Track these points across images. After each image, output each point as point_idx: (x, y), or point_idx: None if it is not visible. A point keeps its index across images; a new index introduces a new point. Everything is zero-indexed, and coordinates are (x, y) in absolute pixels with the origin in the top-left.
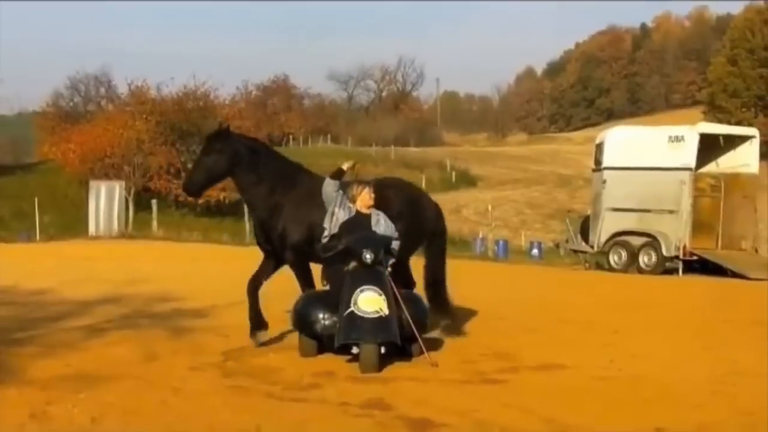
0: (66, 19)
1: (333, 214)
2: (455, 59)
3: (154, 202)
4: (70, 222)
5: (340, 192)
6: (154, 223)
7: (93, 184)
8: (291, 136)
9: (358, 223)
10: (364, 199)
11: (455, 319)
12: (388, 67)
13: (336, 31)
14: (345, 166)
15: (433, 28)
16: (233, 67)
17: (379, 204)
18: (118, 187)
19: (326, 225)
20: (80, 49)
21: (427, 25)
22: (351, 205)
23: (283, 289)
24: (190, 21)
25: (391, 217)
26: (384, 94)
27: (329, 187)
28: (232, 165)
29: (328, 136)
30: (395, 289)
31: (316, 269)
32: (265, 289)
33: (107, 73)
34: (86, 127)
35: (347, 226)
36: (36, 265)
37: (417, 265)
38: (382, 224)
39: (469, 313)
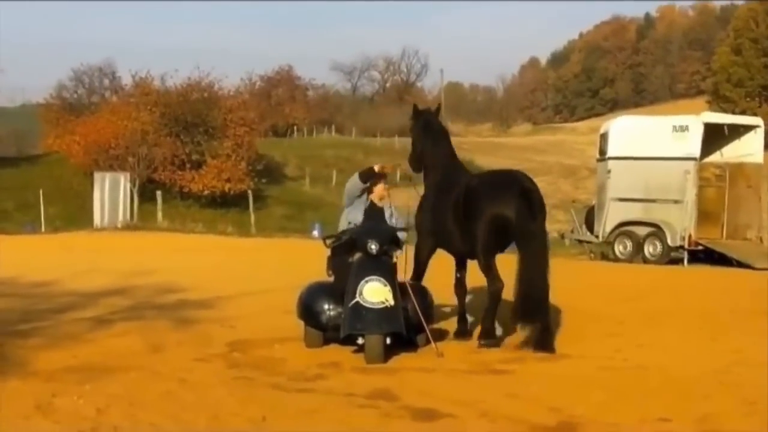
0: (70, 11)
1: (353, 210)
2: (459, 50)
3: (158, 193)
4: (75, 213)
5: (364, 196)
6: (159, 214)
7: (98, 175)
8: (295, 127)
9: (372, 215)
10: (378, 192)
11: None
12: (392, 57)
13: (340, 22)
14: (376, 168)
15: (437, 19)
16: (237, 59)
17: None
18: (122, 179)
19: (344, 219)
20: (84, 42)
21: (431, 16)
22: (364, 198)
23: (288, 282)
24: (193, 13)
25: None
26: (388, 84)
27: (354, 187)
28: (419, 142)
29: (333, 126)
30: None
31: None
32: (274, 282)
33: (111, 64)
34: (90, 118)
35: (363, 218)
36: (41, 257)
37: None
38: (393, 217)
39: (475, 304)
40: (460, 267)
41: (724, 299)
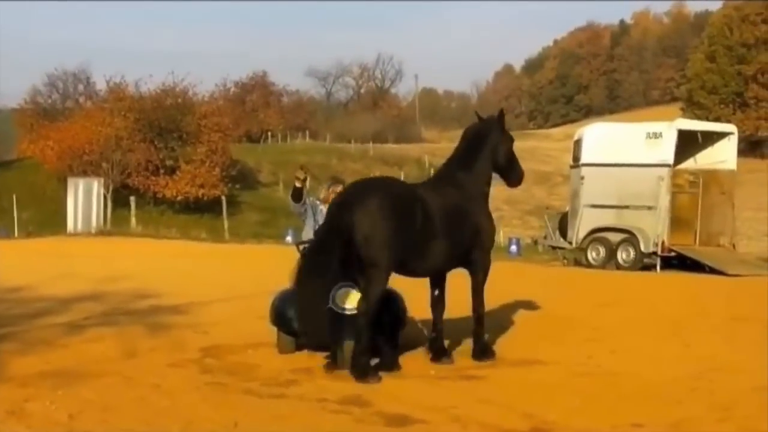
0: (44, 15)
1: (306, 228)
2: (434, 56)
3: (132, 198)
4: (49, 219)
5: (308, 206)
6: (133, 219)
7: (71, 181)
8: (270, 133)
9: None
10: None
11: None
12: (367, 63)
13: (314, 28)
14: (298, 184)
15: (412, 25)
16: (212, 64)
17: None
18: (96, 184)
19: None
20: (58, 46)
21: (406, 22)
22: (323, 207)
23: (261, 288)
24: (168, 18)
25: None
26: (362, 90)
27: (296, 208)
28: None
29: (307, 132)
30: None
31: None
32: (247, 287)
33: (86, 69)
34: (64, 124)
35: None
36: (14, 262)
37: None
38: None
39: (447, 310)
40: (433, 284)
41: (697, 305)
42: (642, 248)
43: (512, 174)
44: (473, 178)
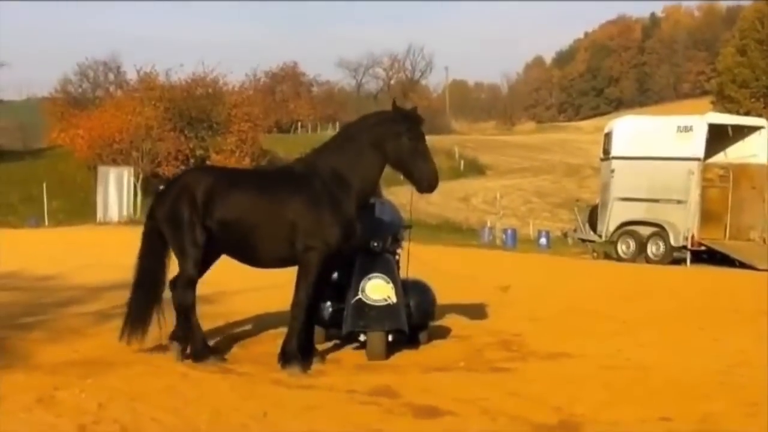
0: (76, 4)
1: None
2: (464, 47)
3: (162, 188)
4: (79, 207)
5: None
6: None
7: (101, 169)
8: (300, 124)
9: (363, 212)
10: None
11: None
12: (397, 54)
13: (345, 18)
14: None
15: (443, 16)
16: (242, 54)
17: None
18: (126, 173)
19: None
20: (89, 35)
21: (437, 13)
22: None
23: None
24: (199, 7)
25: None
26: (393, 82)
27: None
28: None
29: (337, 123)
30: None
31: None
32: (276, 277)
33: (116, 59)
34: (95, 113)
35: None
36: (44, 251)
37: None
38: (387, 211)
39: (477, 302)
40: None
41: (726, 300)
42: (672, 242)
43: (412, 177)
44: (329, 173)
